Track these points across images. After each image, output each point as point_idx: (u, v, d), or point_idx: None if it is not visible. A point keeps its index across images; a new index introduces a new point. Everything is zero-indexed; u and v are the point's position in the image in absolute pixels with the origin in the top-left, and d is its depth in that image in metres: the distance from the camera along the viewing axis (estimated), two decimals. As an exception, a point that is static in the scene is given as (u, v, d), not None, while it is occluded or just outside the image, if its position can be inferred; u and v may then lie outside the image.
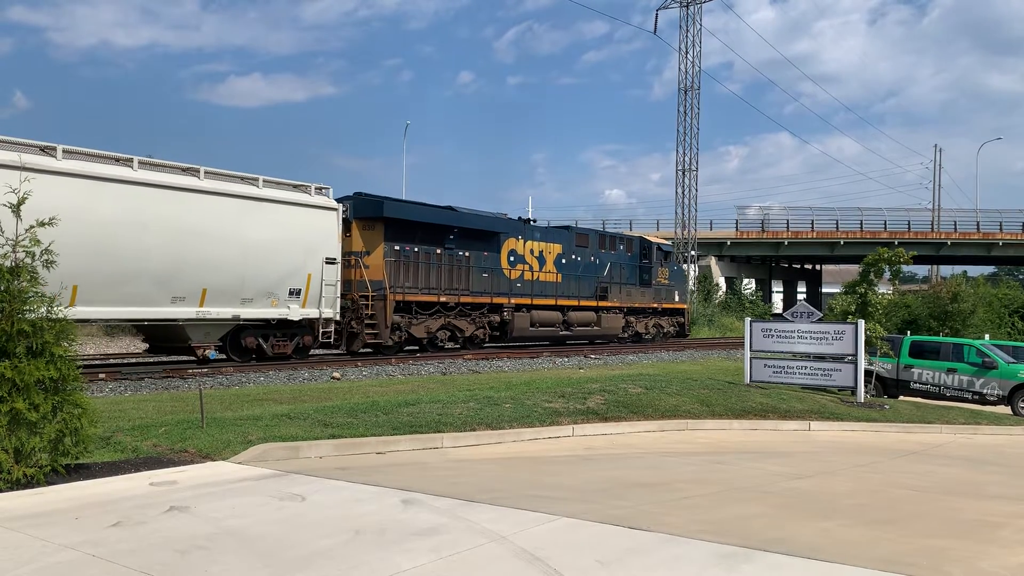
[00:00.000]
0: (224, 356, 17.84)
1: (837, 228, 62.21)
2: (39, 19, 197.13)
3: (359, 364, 18.76)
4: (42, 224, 6.86)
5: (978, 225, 62.89)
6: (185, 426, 9.05)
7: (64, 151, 14.58)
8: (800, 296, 72.81)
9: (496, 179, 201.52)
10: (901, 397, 17.99)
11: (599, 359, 23.54)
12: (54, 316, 6.86)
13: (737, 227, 62.48)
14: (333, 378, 16.29)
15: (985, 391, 17.66)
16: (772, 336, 15.48)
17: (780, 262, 70.08)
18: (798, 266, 75.59)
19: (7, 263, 6.80)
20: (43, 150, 14.51)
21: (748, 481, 8.25)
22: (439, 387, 14.18)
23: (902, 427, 13.47)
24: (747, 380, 15.39)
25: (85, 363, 16.31)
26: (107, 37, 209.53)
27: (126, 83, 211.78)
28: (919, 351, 18.79)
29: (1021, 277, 69.35)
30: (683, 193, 52.00)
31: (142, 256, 15.29)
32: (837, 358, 15.27)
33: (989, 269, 74.93)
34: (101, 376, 14.84)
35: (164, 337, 17.49)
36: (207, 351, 17.12)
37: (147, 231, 15.35)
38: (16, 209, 6.90)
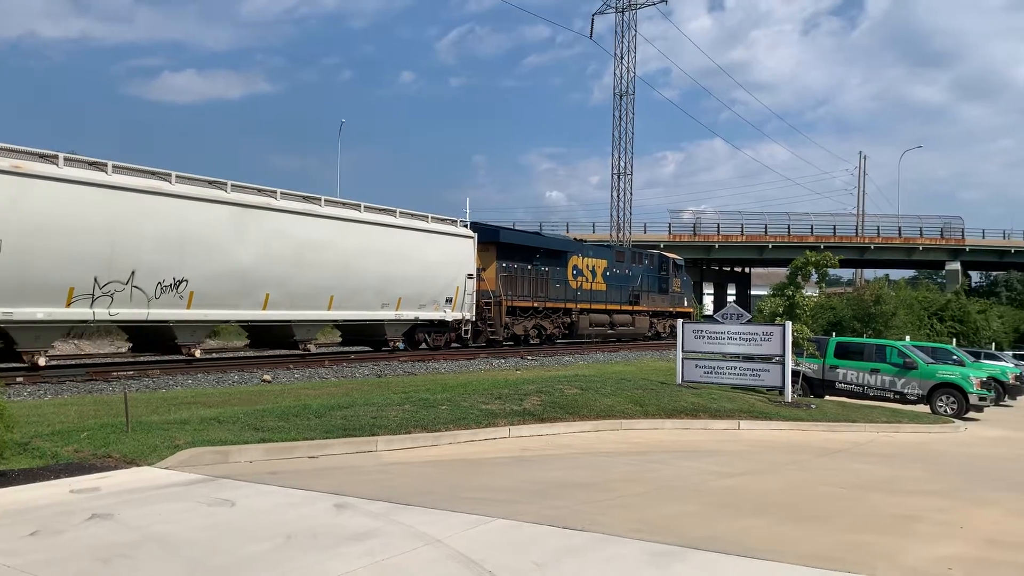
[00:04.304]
0: (405, 347, 23.62)
1: (766, 232, 63.90)
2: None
3: (291, 367, 18.51)
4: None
5: (900, 230, 65.29)
6: (109, 431, 8.72)
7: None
8: (730, 298, 74.23)
9: (436, 180, 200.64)
10: (827, 397, 18.48)
11: (536, 360, 23.63)
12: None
13: (670, 230, 63.67)
14: (264, 381, 15.98)
15: (906, 391, 18.29)
16: (703, 337, 15.76)
17: (711, 265, 71.49)
18: (728, 269, 77.25)
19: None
20: (306, 199, 19.64)
21: (680, 480, 8.38)
22: (374, 389, 14.02)
23: (828, 426, 13.85)
24: (679, 380, 15.63)
25: (2, 367, 15.65)
26: (33, 27, 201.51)
27: (52, 75, 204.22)
28: (844, 352, 19.35)
29: (940, 280, 72.10)
30: (618, 197, 52.60)
31: (366, 274, 20.80)
32: (765, 359, 15.61)
33: (910, 272, 77.79)
34: (19, 379, 14.25)
35: (365, 333, 22.95)
36: (397, 342, 23.12)
37: (367, 256, 20.78)
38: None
